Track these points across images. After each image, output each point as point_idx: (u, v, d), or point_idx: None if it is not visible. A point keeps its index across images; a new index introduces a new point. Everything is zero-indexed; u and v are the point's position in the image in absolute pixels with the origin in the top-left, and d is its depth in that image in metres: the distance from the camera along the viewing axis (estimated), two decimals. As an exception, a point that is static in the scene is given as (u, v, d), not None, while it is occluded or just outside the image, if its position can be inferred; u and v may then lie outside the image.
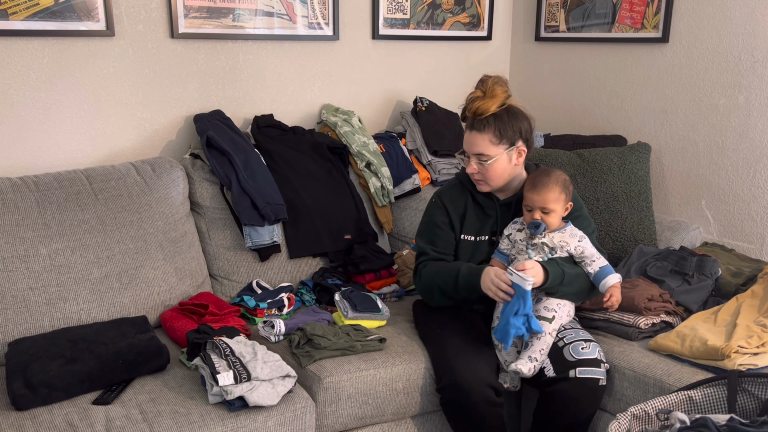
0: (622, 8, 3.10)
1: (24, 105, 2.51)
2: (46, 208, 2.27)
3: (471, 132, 2.19)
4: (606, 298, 2.09)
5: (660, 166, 3.05)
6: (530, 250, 2.12)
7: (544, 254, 2.11)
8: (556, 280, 2.07)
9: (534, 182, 2.12)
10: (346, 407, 2.08)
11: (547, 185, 2.10)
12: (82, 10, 2.53)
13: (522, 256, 2.12)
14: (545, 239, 2.12)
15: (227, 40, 2.86)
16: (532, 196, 2.11)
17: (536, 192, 2.10)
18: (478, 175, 2.20)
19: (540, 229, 2.09)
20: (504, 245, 2.22)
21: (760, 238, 2.77)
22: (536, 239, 2.11)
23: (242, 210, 2.53)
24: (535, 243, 2.12)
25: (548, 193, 2.09)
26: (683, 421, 1.61)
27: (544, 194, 2.09)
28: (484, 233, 2.26)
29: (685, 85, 2.93)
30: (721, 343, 2.01)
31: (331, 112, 3.11)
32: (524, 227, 2.18)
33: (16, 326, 2.13)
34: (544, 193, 2.09)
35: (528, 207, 2.13)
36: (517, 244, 2.17)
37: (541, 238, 2.12)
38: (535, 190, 2.10)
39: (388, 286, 2.73)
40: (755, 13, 2.67)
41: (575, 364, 2.04)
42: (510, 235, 2.21)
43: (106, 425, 1.78)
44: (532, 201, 2.11)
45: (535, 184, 2.11)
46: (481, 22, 3.53)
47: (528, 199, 2.12)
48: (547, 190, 2.09)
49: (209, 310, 2.30)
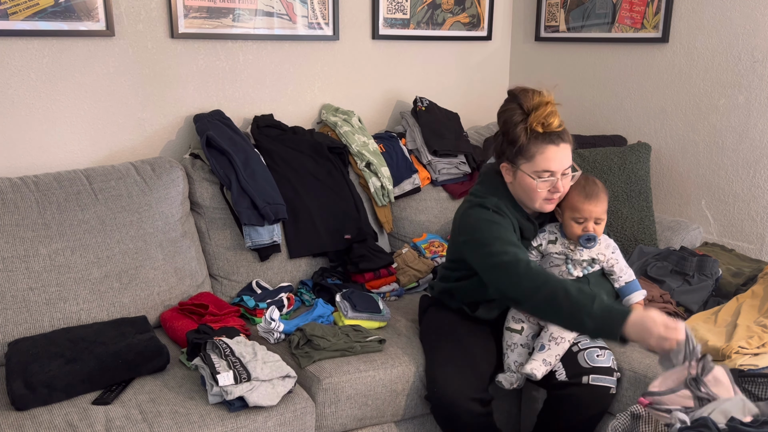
0: (622, 8, 3.10)
1: (24, 105, 2.51)
2: (46, 208, 2.27)
3: (559, 146, 1.92)
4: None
5: (660, 166, 3.05)
6: (569, 265, 2.04)
7: (582, 269, 2.04)
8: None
9: (587, 192, 1.99)
10: (346, 408, 2.08)
11: (599, 195, 1.99)
12: (82, 10, 2.53)
13: (559, 270, 2.05)
14: (584, 254, 2.01)
15: (227, 40, 2.86)
16: (588, 207, 1.96)
17: (592, 203, 1.97)
18: (561, 194, 1.97)
19: (594, 242, 1.97)
20: (532, 256, 2.11)
21: (760, 238, 2.77)
22: (577, 254, 2.01)
23: (242, 210, 2.53)
24: (576, 259, 2.02)
25: (602, 203, 1.99)
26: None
27: (599, 204, 1.97)
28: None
29: (685, 85, 2.93)
30: (721, 344, 2.01)
31: (331, 112, 3.11)
32: (557, 237, 2.07)
33: (16, 326, 2.13)
34: (599, 203, 1.98)
35: (580, 219, 1.99)
36: (552, 258, 2.06)
37: (581, 253, 2.01)
38: (591, 201, 1.97)
39: (387, 285, 2.73)
40: (755, 13, 2.67)
41: (589, 371, 2.01)
42: (540, 246, 2.10)
43: (106, 425, 1.78)
44: (588, 212, 1.97)
45: (588, 194, 1.98)
46: (481, 22, 3.53)
47: (583, 210, 1.97)
48: (600, 200, 1.99)
49: (209, 310, 2.30)
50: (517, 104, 1.97)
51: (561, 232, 2.08)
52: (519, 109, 1.96)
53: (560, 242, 2.06)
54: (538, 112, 1.92)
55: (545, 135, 1.93)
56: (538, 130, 1.92)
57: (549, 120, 1.92)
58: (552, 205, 2.01)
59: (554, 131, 1.93)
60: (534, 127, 1.93)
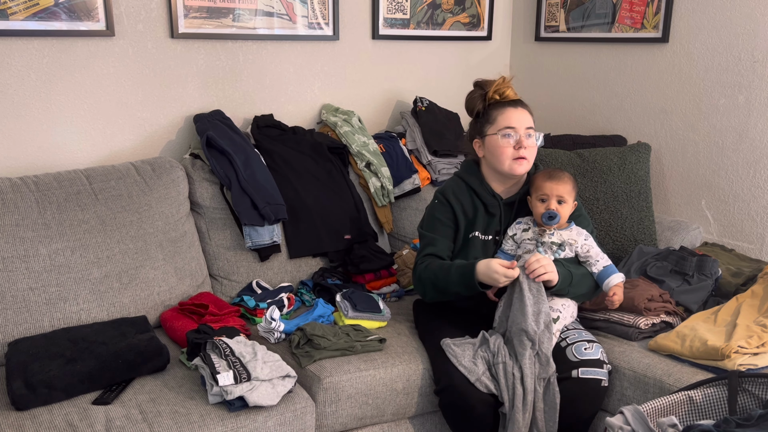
0: (622, 8, 3.10)
1: (24, 105, 2.51)
2: (46, 208, 2.27)
3: (517, 108, 2.20)
4: (611, 295, 2.13)
5: (660, 166, 3.05)
6: (539, 248, 2.14)
7: (552, 252, 2.14)
8: (565, 281, 2.10)
9: (550, 173, 2.18)
10: (346, 407, 2.08)
11: (563, 177, 2.18)
12: (82, 10, 2.53)
13: (530, 255, 2.12)
14: (554, 237, 2.14)
15: (227, 40, 2.86)
16: (550, 184, 2.15)
17: (554, 181, 2.15)
18: (527, 151, 2.18)
19: (555, 219, 2.12)
20: (508, 246, 2.22)
21: (760, 238, 2.77)
22: (546, 237, 2.13)
23: (242, 210, 2.53)
24: (545, 241, 2.14)
25: (565, 183, 2.17)
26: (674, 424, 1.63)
27: (561, 184, 2.15)
28: (489, 233, 2.26)
29: (685, 85, 2.93)
30: (721, 343, 2.01)
31: (331, 112, 3.11)
32: (530, 227, 2.19)
33: (16, 326, 2.13)
34: (562, 182, 2.16)
35: (543, 197, 2.16)
36: (525, 244, 2.18)
37: (551, 237, 2.14)
38: (553, 180, 2.16)
39: (387, 286, 2.73)
40: (755, 13, 2.67)
41: (578, 364, 2.04)
42: (515, 235, 2.22)
43: (106, 425, 1.78)
44: (550, 189, 2.15)
45: (552, 175, 2.17)
46: (481, 22, 3.53)
47: (545, 188, 2.16)
48: (563, 180, 2.17)
49: (209, 310, 2.30)
50: (479, 87, 2.27)
51: (534, 223, 2.22)
52: (480, 91, 2.26)
53: (532, 230, 2.20)
54: (493, 87, 2.22)
55: (504, 102, 2.21)
56: (495, 97, 2.21)
57: (503, 90, 2.21)
58: (521, 166, 2.18)
59: (511, 99, 2.22)
60: (491, 96, 2.21)
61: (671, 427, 1.67)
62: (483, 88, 2.25)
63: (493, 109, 2.21)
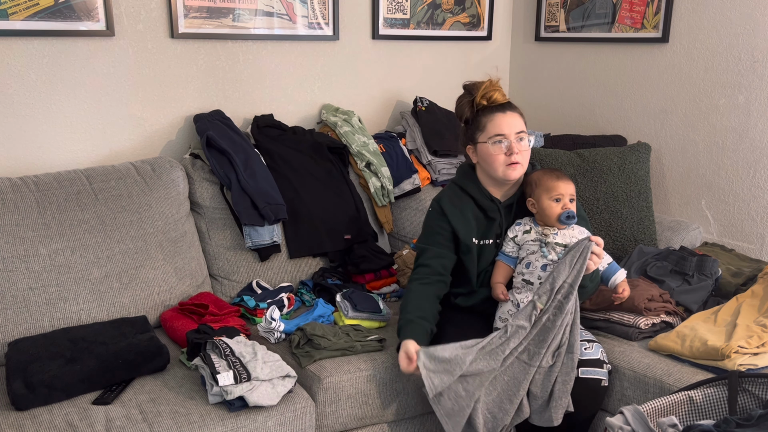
0: (622, 8, 3.10)
1: (24, 105, 2.51)
2: (46, 208, 2.27)
3: (506, 113, 2.15)
4: (620, 291, 2.12)
5: (660, 166, 3.05)
6: (543, 249, 2.12)
7: (557, 254, 2.10)
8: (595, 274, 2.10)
9: (557, 174, 2.16)
10: (346, 407, 2.08)
11: (567, 177, 2.15)
12: (82, 10, 2.53)
13: (535, 256, 2.11)
14: (558, 238, 2.11)
15: (227, 40, 2.86)
16: (563, 184, 2.12)
17: (563, 181, 2.13)
18: (520, 156, 2.15)
19: (574, 219, 2.10)
20: (509, 248, 2.20)
21: (760, 238, 2.77)
22: (550, 238, 2.11)
23: (242, 210, 2.53)
24: (549, 242, 2.11)
25: (572, 184, 2.15)
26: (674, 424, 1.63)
27: (570, 183, 2.14)
28: (489, 237, 2.24)
29: (685, 85, 2.93)
30: (721, 343, 2.01)
31: (331, 112, 3.11)
32: (531, 228, 2.16)
33: (16, 326, 2.13)
34: (570, 182, 2.14)
35: (558, 196, 2.11)
36: (527, 245, 2.15)
37: (555, 237, 2.11)
38: (562, 180, 2.13)
39: (387, 286, 2.73)
40: (755, 13, 2.67)
41: (578, 364, 2.03)
42: (515, 237, 2.19)
43: (106, 425, 1.78)
44: (564, 189, 2.12)
45: (559, 176, 2.15)
46: (481, 22, 3.53)
47: (559, 188, 2.12)
48: (569, 181, 2.15)
49: (209, 310, 2.30)
50: (467, 93, 2.24)
51: (534, 224, 2.18)
52: (468, 97, 2.23)
53: (534, 231, 2.17)
54: (480, 91, 2.18)
55: (492, 107, 2.17)
56: (483, 103, 2.17)
57: (490, 94, 2.17)
58: (515, 171, 2.15)
59: (500, 104, 2.17)
60: (479, 101, 2.18)
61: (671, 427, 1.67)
62: (471, 93, 2.22)
63: (482, 115, 2.17)
